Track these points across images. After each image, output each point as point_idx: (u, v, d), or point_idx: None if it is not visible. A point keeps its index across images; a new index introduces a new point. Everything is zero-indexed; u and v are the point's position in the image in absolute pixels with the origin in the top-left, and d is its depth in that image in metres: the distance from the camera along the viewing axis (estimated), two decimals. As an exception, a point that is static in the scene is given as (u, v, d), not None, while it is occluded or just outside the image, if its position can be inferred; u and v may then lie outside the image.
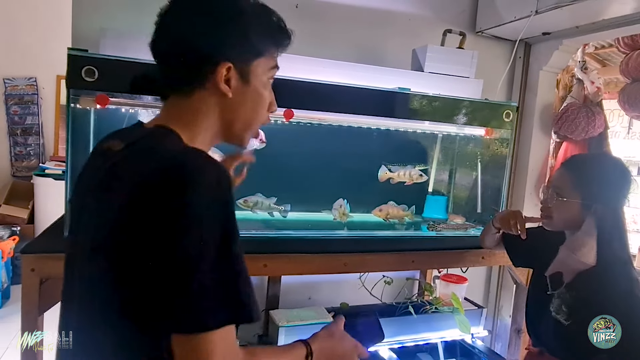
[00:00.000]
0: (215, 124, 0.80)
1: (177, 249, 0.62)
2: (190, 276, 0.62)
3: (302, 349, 0.85)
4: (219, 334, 0.64)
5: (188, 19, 0.75)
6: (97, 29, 1.63)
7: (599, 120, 2.49)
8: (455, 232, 1.91)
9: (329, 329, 0.95)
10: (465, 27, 2.36)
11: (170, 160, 0.67)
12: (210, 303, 0.63)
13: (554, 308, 1.29)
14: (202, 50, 0.75)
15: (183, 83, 0.77)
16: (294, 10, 2.20)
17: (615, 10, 2.02)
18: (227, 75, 0.76)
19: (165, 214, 0.63)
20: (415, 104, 1.74)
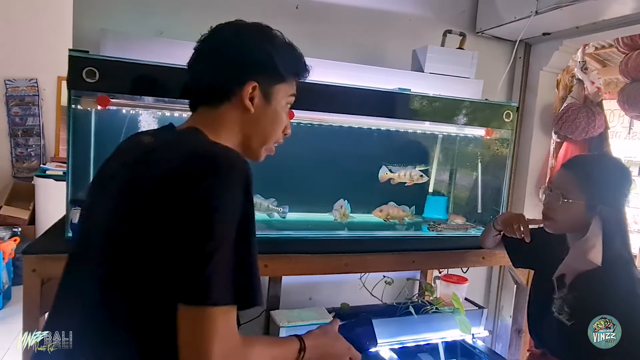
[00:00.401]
0: (236, 135, 0.89)
1: (202, 226, 0.68)
2: (210, 252, 0.68)
3: (296, 343, 0.90)
4: (222, 311, 0.68)
5: (224, 38, 0.87)
6: (98, 30, 1.64)
7: (599, 121, 2.48)
8: (456, 232, 1.91)
9: (324, 328, 0.99)
10: (465, 28, 2.36)
11: (201, 149, 0.76)
12: (222, 280, 0.68)
13: (557, 309, 1.29)
14: (234, 69, 0.85)
15: (213, 97, 0.87)
16: (294, 11, 2.21)
17: (615, 11, 2.02)
18: (252, 94, 0.86)
19: (195, 194, 0.69)
20: (416, 104, 1.74)
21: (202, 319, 0.67)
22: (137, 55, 1.40)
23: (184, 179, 0.71)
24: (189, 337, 0.68)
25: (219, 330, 0.68)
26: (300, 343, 0.90)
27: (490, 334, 2.59)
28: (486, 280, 2.83)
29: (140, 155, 0.81)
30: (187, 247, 0.68)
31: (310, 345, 0.91)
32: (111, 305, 0.75)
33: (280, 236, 1.65)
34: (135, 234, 0.73)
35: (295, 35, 2.32)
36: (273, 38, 0.89)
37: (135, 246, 0.73)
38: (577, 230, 1.28)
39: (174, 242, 0.69)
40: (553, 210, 1.32)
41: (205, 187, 0.70)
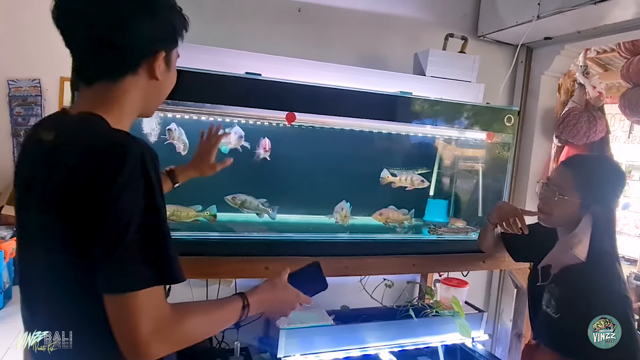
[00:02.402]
0: (139, 104, 0.87)
1: (105, 218, 0.71)
2: (117, 241, 0.71)
3: (238, 301, 0.91)
4: (144, 293, 0.72)
5: (123, 8, 0.79)
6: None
7: (601, 125, 2.49)
8: (456, 235, 1.91)
9: (271, 281, 1.02)
10: (467, 32, 2.36)
11: (99, 142, 0.75)
12: (135, 265, 0.72)
13: (545, 302, 1.35)
14: (142, 42, 0.82)
15: (117, 70, 0.82)
16: (296, 14, 2.21)
17: (617, 16, 2.02)
18: (159, 62, 0.85)
19: (97, 188, 0.72)
20: (417, 108, 1.75)
21: (124, 305, 0.71)
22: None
23: (84, 175, 0.73)
24: (117, 322, 0.72)
25: (143, 310, 0.71)
26: (243, 301, 0.91)
27: (490, 338, 2.59)
28: (486, 284, 2.83)
29: (46, 157, 0.81)
30: (97, 240, 0.72)
31: (254, 300, 0.93)
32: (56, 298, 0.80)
33: (281, 238, 1.66)
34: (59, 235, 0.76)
35: (298, 38, 2.34)
36: (166, 1, 0.85)
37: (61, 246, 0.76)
38: (569, 225, 1.33)
39: (88, 238, 0.72)
40: (549, 205, 1.37)
41: (104, 181, 0.71)
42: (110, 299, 0.73)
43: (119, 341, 0.73)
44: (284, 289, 1.02)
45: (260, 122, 1.74)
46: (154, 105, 0.93)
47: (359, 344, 1.89)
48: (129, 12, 0.79)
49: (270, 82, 1.52)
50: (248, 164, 1.74)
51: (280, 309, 1.03)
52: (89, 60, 0.83)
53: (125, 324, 0.72)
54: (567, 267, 1.31)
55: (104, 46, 0.80)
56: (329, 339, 1.84)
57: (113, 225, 0.71)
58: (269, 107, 1.57)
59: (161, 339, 0.74)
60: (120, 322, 0.72)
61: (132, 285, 0.72)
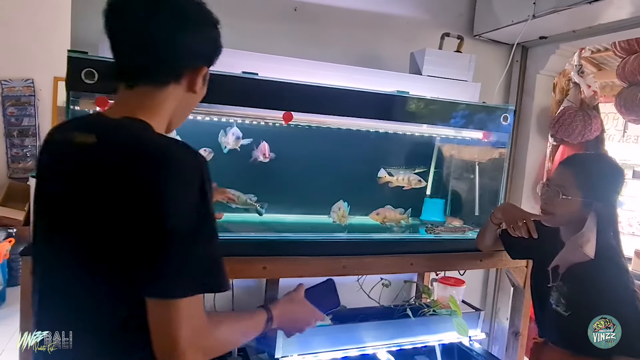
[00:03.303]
0: (170, 114, 0.88)
1: (161, 224, 0.70)
2: (171, 248, 0.71)
3: (264, 314, 0.96)
4: (188, 301, 0.72)
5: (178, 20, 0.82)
6: (97, 31, 1.63)
7: (596, 124, 2.50)
8: (454, 234, 1.91)
9: (290, 296, 1.06)
10: (462, 31, 2.37)
11: (154, 148, 0.75)
12: (186, 273, 0.72)
13: (554, 300, 1.36)
14: (194, 53, 0.85)
15: (165, 75, 0.84)
16: (292, 13, 2.21)
17: (612, 15, 2.03)
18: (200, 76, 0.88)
19: (154, 195, 0.71)
20: (414, 107, 1.75)
21: (168, 311, 0.72)
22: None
23: (138, 181, 0.72)
24: (158, 327, 0.73)
25: (185, 317, 0.72)
26: (267, 313, 0.96)
27: (487, 336, 2.59)
28: (482, 283, 2.84)
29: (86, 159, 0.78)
30: (148, 245, 0.71)
31: (277, 314, 0.97)
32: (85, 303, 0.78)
33: (279, 238, 1.65)
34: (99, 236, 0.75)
35: (294, 37, 2.33)
36: (217, 22, 0.89)
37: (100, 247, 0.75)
38: (572, 224, 1.35)
39: (135, 242, 0.72)
40: (552, 205, 1.38)
41: (160, 187, 0.71)
42: (154, 303, 0.73)
43: (156, 345, 0.73)
44: (301, 304, 1.06)
45: (256, 122, 1.73)
46: (181, 119, 0.94)
47: (357, 344, 1.89)
48: (181, 24, 0.82)
49: (267, 81, 1.51)
50: (245, 164, 1.73)
51: (298, 324, 1.06)
52: (135, 64, 0.83)
53: (166, 329, 0.72)
54: (575, 265, 1.32)
55: (154, 52, 0.81)
56: (327, 338, 1.84)
57: (168, 231, 0.71)
58: (266, 106, 1.57)
59: (197, 347, 0.74)
60: (161, 326, 0.73)
61: (180, 292, 0.72)
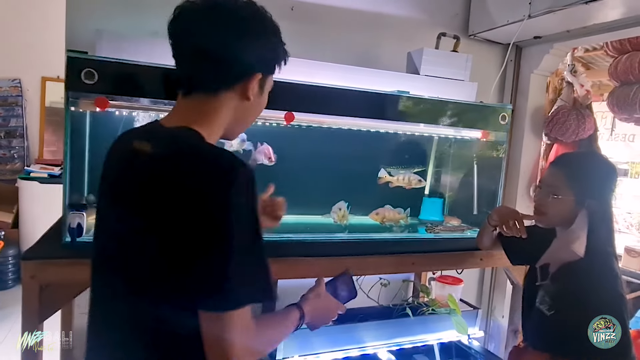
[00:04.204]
0: (226, 121, 0.88)
1: (213, 236, 0.71)
2: (223, 261, 0.71)
3: (297, 312, 0.99)
4: (240, 312, 0.73)
5: (234, 27, 0.82)
6: (93, 30, 1.60)
7: (589, 123, 2.53)
8: (453, 234, 1.92)
9: (315, 292, 1.09)
10: (457, 31, 2.38)
11: (207, 159, 0.76)
12: (238, 286, 0.72)
13: (539, 299, 1.34)
14: (246, 60, 0.84)
15: (216, 83, 0.85)
16: (289, 13, 2.20)
17: (606, 15, 2.06)
18: (253, 84, 0.86)
19: (207, 206, 0.71)
20: (414, 107, 1.75)
21: (221, 323, 0.72)
22: (133, 56, 1.37)
23: (191, 191, 0.72)
24: (211, 338, 0.73)
25: (237, 328, 0.73)
26: (300, 311, 0.99)
27: (484, 334, 2.62)
28: (479, 281, 2.86)
29: (144, 168, 0.79)
30: (201, 258, 0.71)
31: (308, 311, 1.01)
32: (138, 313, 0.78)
33: (280, 239, 1.64)
34: (151, 245, 0.75)
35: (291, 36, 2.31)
36: (275, 29, 0.89)
37: (152, 257, 0.75)
38: (567, 224, 1.34)
39: (190, 253, 0.71)
40: (544, 206, 1.38)
41: (213, 198, 0.71)
42: (207, 315, 0.73)
43: (209, 356, 0.74)
44: (326, 298, 1.10)
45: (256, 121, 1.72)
46: (241, 128, 0.95)
47: (357, 344, 1.89)
48: (234, 31, 0.82)
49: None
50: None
51: (325, 317, 1.09)
52: (190, 71, 0.85)
53: (220, 340, 0.73)
54: (565, 265, 1.31)
55: (206, 59, 0.83)
56: (328, 339, 1.83)
57: (220, 244, 0.71)
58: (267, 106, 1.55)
59: (247, 354, 0.76)
60: (214, 338, 0.73)
61: (232, 305, 0.73)
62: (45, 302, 1.18)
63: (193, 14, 0.82)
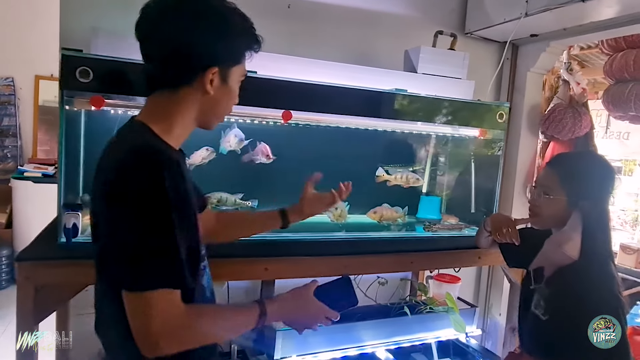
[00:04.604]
0: (193, 115, 0.93)
1: (121, 221, 0.78)
2: (130, 244, 0.77)
3: (255, 309, 0.92)
4: (158, 294, 0.77)
5: (182, 25, 0.85)
6: (88, 28, 1.59)
7: (585, 121, 2.54)
8: (451, 232, 1.92)
9: (295, 292, 1.02)
10: (454, 29, 2.38)
11: (127, 151, 0.82)
12: (146, 268, 0.77)
13: (534, 303, 1.31)
14: (196, 56, 0.87)
15: (173, 80, 0.89)
16: (286, 11, 2.18)
17: (602, 13, 2.07)
18: (212, 78, 0.89)
19: (116, 192, 0.79)
20: (412, 105, 1.74)
21: (136, 303, 0.77)
22: (128, 54, 1.35)
23: (109, 180, 0.80)
24: (131, 317, 0.78)
25: (153, 310, 0.76)
26: (260, 308, 0.92)
27: (482, 332, 2.62)
28: (476, 279, 2.86)
29: (101, 159, 0.88)
30: (117, 241, 0.79)
31: (273, 310, 0.93)
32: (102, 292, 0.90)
33: (279, 238, 1.63)
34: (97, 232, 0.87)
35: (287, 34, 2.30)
36: (233, 20, 0.89)
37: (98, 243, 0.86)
38: (561, 226, 1.31)
39: (109, 238, 0.81)
40: (537, 206, 1.36)
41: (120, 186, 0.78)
42: (126, 295, 0.78)
43: (133, 334, 0.78)
44: (307, 301, 1.00)
45: (250, 120, 1.70)
46: (212, 119, 0.97)
47: (355, 343, 1.88)
48: (181, 29, 0.85)
49: (266, 79, 1.48)
50: (241, 164, 1.71)
51: (303, 321, 1.01)
52: (150, 70, 0.90)
53: (137, 320, 0.78)
54: (560, 268, 1.27)
55: (159, 58, 0.88)
56: (326, 339, 1.83)
57: (128, 229, 0.77)
58: (265, 105, 1.54)
59: (170, 337, 0.79)
60: (133, 317, 0.78)
61: (143, 285, 0.77)
62: (41, 303, 1.16)
63: (147, 15, 0.87)
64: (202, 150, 1.65)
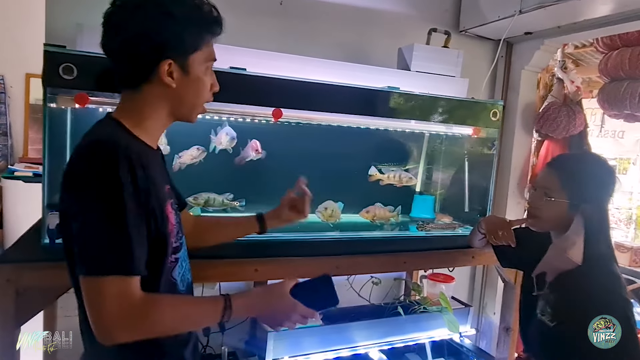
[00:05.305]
0: (164, 110, 0.93)
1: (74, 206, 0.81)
2: (83, 230, 0.79)
3: (219, 303, 0.89)
4: (109, 280, 0.77)
5: (124, 21, 0.86)
6: (73, 24, 1.56)
7: (579, 119, 2.53)
8: (444, 231, 1.90)
9: (267, 287, 0.99)
10: (448, 27, 2.36)
11: (86, 142, 0.84)
12: (98, 253, 0.78)
13: (540, 309, 1.29)
14: (145, 51, 0.86)
15: (131, 79, 0.90)
16: (277, 8, 2.16)
17: (596, 11, 2.05)
18: (169, 70, 0.88)
19: (71, 180, 0.82)
20: (405, 103, 1.72)
21: (90, 288, 0.78)
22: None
23: (66, 170, 0.83)
24: (86, 303, 0.79)
25: (107, 296, 0.77)
26: (225, 302, 0.88)
27: (476, 331, 2.61)
28: (470, 278, 2.85)
29: None
30: (73, 227, 0.80)
31: (239, 304, 0.90)
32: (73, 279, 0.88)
33: (270, 239, 1.60)
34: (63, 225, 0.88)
35: (279, 32, 2.28)
36: (175, 7, 0.87)
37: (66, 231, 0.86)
38: (561, 229, 1.28)
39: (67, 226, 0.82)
40: (537, 208, 1.32)
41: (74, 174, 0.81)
42: (81, 281, 0.79)
43: (90, 321, 0.78)
44: (279, 298, 0.95)
45: (242, 119, 1.68)
46: (187, 111, 0.96)
47: (349, 344, 1.87)
48: (128, 23, 0.85)
49: (256, 77, 1.45)
50: (232, 163, 1.68)
51: (275, 318, 0.96)
52: (114, 71, 0.91)
53: (91, 306, 0.78)
54: (563, 273, 1.25)
55: (119, 58, 0.89)
56: (318, 339, 1.81)
57: (82, 215, 0.79)
58: (254, 103, 1.51)
59: (125, 326, 0.78)
60: (87, 303, 0.78)
61: (95, 270, 0.78)
62: (23, 306, 1.13)
63: (104, 18, 0.88)
64: (193, 149, 1.63)
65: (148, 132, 0.92)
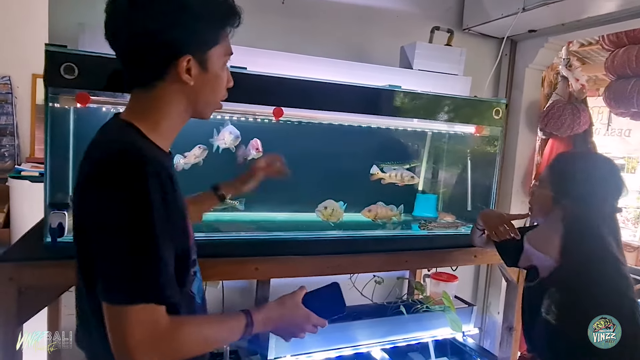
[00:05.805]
0: (179, 108, 0.87)
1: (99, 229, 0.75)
2: (108, 254, 0.74)
3: (242, 319, 0.88)
4: (137, 309, 0.73)
5: (139, 17, 0.80)
6: (75, 24, 1.57)
7: (584, 117, 2.50)
8: (447, 230, 1.89)
9: (281, 299, 0.97)
10: (451, 25, 2.35)
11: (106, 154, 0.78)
12: (124, 282, 0.74)
13: (545, 309, 1.28)
14: (163, 47, 0.81)
15: (145, 78, 0.84)
16: (280, 6, 2.16)
17: (601, 8, 2.03)
18: (187, 66, 0.83)
19: (92, 198, 0.76)
20: (407, 101, 1.71)
21: (115, 316, 0.73)
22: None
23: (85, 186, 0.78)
24: (110, 330, 0.74)
25: (133, 323, 0.72)
26: (247, 318, 0.88)
27: (479, 330, 2.59)
28: (474, 277, 2.84)
29: (83, 161, 0.83)
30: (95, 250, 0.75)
31: (259, 319, 0.89)
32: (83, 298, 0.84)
33: (271, 237, 1.61)
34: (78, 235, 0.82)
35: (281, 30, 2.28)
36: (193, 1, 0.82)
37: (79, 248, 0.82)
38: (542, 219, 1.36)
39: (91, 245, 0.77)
40: (531, 200, 1.41)
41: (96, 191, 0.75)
42: (105, 307, 0.74)
43: (112, 348, 0.74)
44: (293, 309, 0.95)
45: (244, 117, 1.68)
46: (204, 108, 0.92)
47: (351, 343, 1.87)
48: (143, 20, 0.79)
49: (257, 76, 1.45)
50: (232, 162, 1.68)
51: (290, 329, 0.97)
52: (124, 70, 0.86)
53: (115, 333, 0.73)
54: (557, 270, 1.25)
55: (131, 56, 0.83)
56: (321, 338, 1.81)
57: (104, 233, 0.74)
58: (255, 102, 1.52)
59: (151, 352, 0.74)
60: (112, 330, 0.74)
61: (121, 300, 0.73)
62: (25, 304, 1.14)
63: (108, 12, 0.82)
64: (196, 149, 1.63)
65: (164, 135, 0.87)
